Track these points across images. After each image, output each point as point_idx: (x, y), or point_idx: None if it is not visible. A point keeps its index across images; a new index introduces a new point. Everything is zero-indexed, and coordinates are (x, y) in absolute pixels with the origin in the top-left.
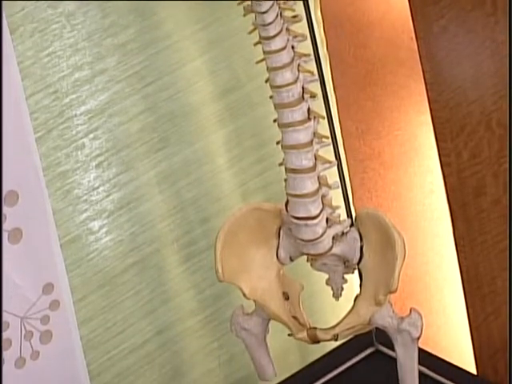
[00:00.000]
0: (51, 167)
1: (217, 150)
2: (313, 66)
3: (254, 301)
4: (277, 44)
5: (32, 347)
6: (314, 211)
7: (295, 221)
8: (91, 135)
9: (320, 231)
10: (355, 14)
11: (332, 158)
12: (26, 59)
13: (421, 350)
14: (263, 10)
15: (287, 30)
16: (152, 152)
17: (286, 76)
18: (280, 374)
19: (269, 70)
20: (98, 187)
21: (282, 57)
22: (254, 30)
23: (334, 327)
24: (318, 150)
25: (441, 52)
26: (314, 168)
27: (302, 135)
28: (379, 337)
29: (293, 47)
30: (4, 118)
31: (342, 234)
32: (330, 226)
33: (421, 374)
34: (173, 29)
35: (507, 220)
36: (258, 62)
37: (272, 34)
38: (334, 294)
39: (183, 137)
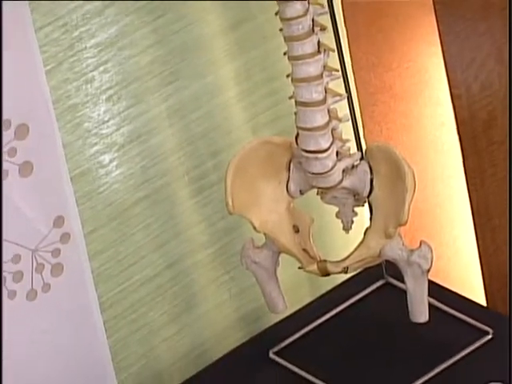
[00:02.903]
0: (61, 100)
1: (227, 84)
2: None
3: (265, 234)
4: None
5: (43, 280)
6: (324, 144)
7: (305, 154)
8: (101, 68)
9: (330, 164)
10: None
11: (342, 90)
12: None
13: (431, 282)
14: None
15: None
16: (162, 85)
17: (296, 8)
18: (290, 307)
19: (278, 2)
20: (108, 120)
21: None
22: None
23: (344, 260)
24: (328, 83)
25: None
26: (324, 101)
27: (311, 68)
28: (389, 269)
29: None
30: (13, 52)
31: (352, 167)
32: (340, 159)
33: (430, 305)
34: None
35: None
36: None
37: None
38: (344, 226)
39: (194, 70)
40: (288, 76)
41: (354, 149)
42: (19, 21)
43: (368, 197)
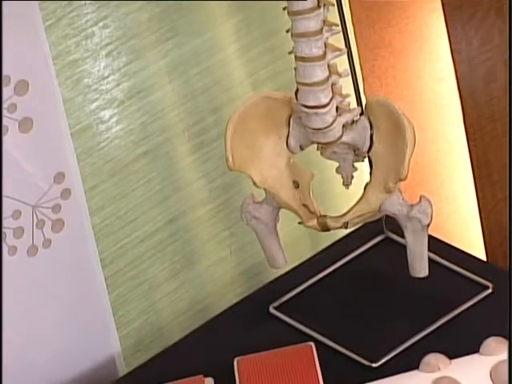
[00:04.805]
0: (61, 56)
1: (227, 39)
2: None
3: (265, 189)
4: None
5: (44, 235)
6: (324, 99)
7: (305, 109)
8: (100, 24)
9: (330, 120)
10: None
11: (342, 45)
12: None
13: (431, 237)
14: None
15: None
16: (162, 41)
17: None
18: (290, 262)
19: None
20: (108, 76)
21: None
22: None
23: (344, 215)
24: (327, 38)
25: None
26: (323, 56)
27: (311, 23)
28: (389, 224)
29: None
30: (13, 8)
31: (352, 122)
32: (339, 115)
33: (430, 260)
34: None
35: None
36: None
37: None
38: (344, 182)
39: (193, 26)
40: (288, 31)
41: (353, 104)
42: None
43: (368, 152)
